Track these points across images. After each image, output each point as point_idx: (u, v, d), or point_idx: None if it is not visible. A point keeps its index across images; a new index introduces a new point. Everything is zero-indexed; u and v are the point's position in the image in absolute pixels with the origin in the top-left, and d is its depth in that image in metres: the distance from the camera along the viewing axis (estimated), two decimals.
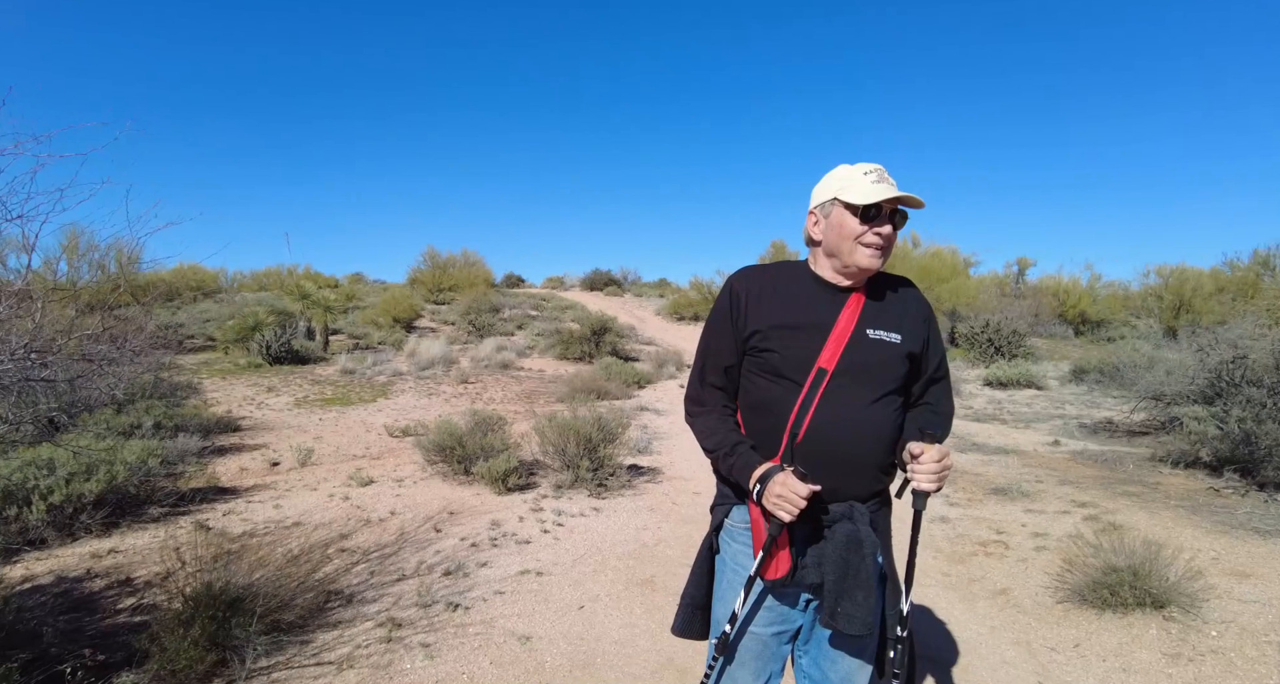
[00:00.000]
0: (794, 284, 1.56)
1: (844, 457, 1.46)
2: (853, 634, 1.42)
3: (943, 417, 1.61)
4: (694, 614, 1.66)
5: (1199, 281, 15.87)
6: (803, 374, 1.47)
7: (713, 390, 1.62)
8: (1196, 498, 5.41)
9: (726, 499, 1.62)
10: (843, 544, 1.43)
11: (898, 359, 1.51)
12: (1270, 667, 2.90)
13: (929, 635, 3.26)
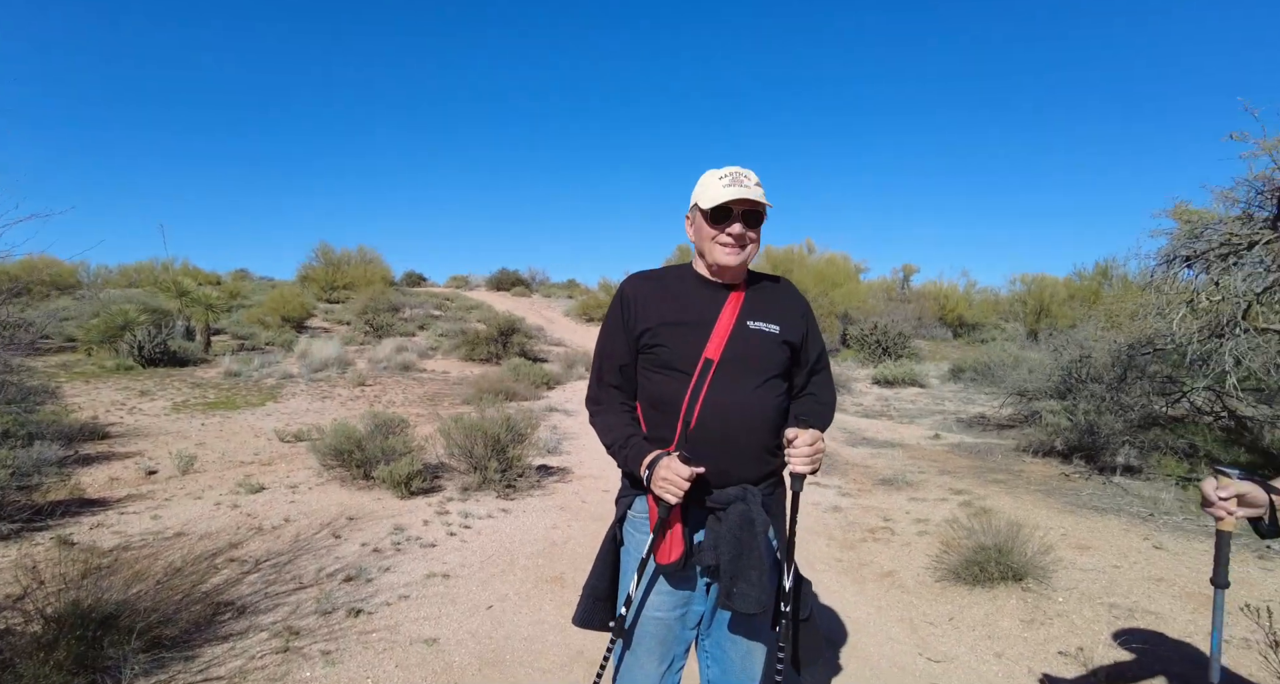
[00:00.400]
0: (679, 285, 1.68)
1: (732, 440, 1.56)
2: (749, 612, 1.50)
3: (824, 405, 1.74)
4: (595, 605, 1.71)
5: (1055, 289, 17.69)
6: (691, 365, 1.57)
7: (610, 389, 1.71)
8: (1051, 483, 6.04)
9: (629, 492, 1.69)
10: (736, 525, 1.50)
11: (777, 347, 1.63)
12: (1102, 624, 3.31)
13: (824, 617, 3.47)
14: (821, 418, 1.69)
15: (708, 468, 1.54)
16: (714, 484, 1.56)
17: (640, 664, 1.63)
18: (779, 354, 1.63)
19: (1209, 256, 4.95)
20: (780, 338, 1.63)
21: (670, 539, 1.56)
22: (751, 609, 1.48)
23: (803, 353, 1.70)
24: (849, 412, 10.41)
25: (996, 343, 12.45)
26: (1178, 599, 3.58)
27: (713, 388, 1.56)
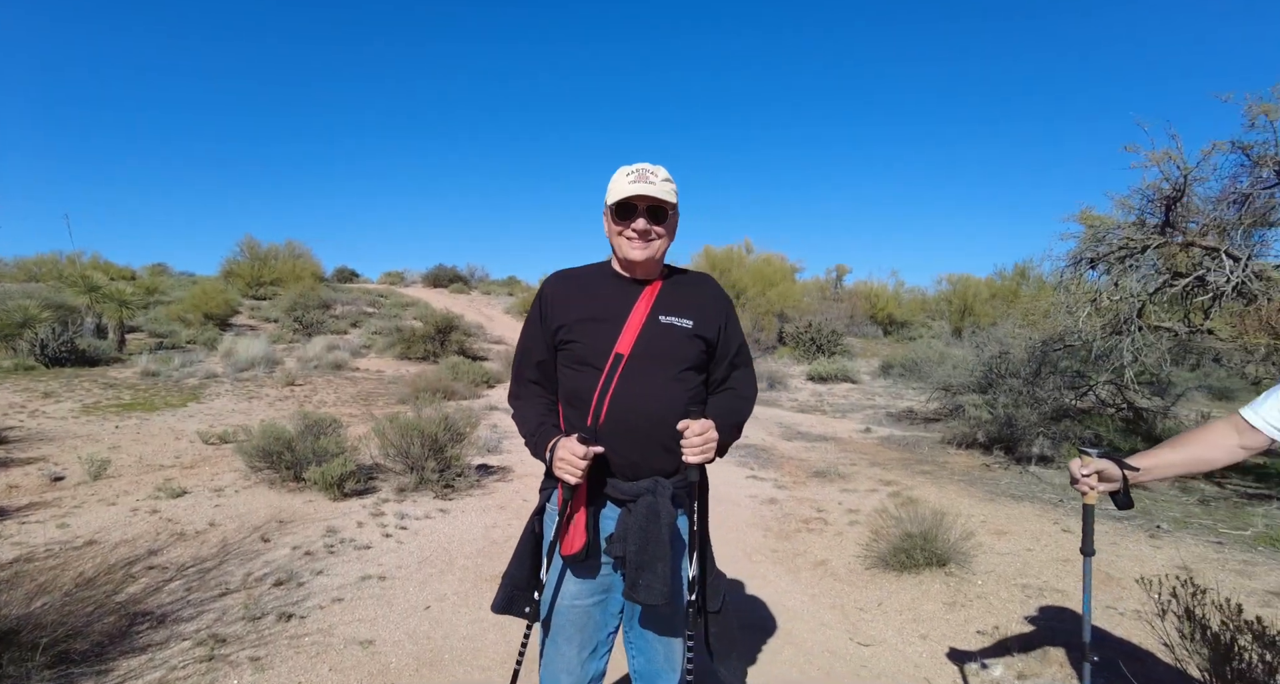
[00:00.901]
0: (595, 281, 1.71)
1: (641, 432, 1.58)
2: (652, 604, 1.52)
3: (743, 399, 1.78)
4: (515, 593, 1.71)
5: (978, 289, 18.65)
6: (602, 360, 1.60)
7: (529, 385, 1.74)
8: (973, 473, 6.38)
9: (548, 484, 1.70)
10: (643, 517, 1.53)
11: (688, 341, 1.65)
12: (1016, 603, 3.53)
13: (759, 606, 3.57)
14: (736, 411, 1.72)
15: (619, 461, 1.57)
16: (625, 477, 1.59)
17: (560, 651, 1.65)
18: (691, 348, 1.65)
19: (1110, 259, 5.34)
20: (692, 332, 1.65)
21: (573, 531, 1.58)
22: (655, 601, 1.50)
23: (719, 347, 1.73)
24: (785, 407, 10.70)
25: (924, 340, 13.04)
26: (1080, 578, 3.85)
27: (622, 382, 1.58)
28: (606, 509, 1.63)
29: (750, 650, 3.12)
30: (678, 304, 1.68)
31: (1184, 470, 1.75)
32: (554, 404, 1.73)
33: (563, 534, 1.59)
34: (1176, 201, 4.94)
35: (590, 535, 1.59)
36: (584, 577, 1.64)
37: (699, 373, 1.69)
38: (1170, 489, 5.70)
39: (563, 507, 1.58)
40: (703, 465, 1.65)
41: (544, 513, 1.72)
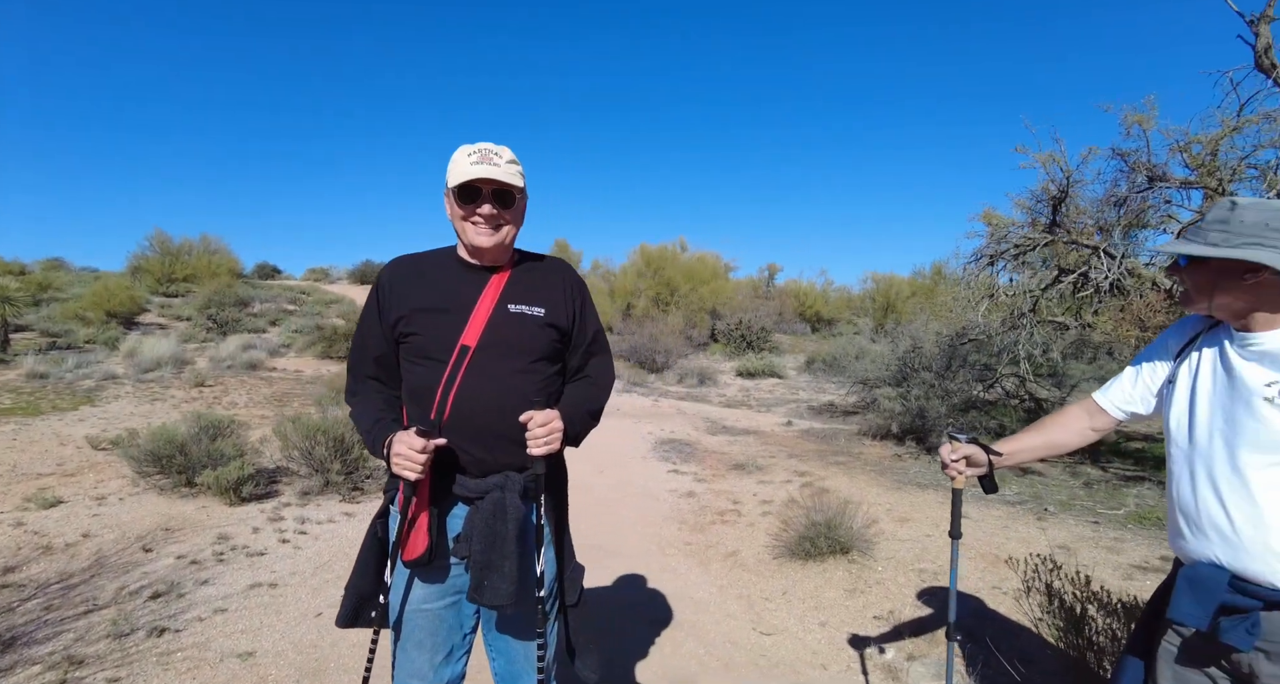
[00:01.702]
0: (439, 269, 1.61)
1: (489, 427, 1.51)
2: (497, 605, 1.45)
3: (599, 388, 1.73)
4: (359, 603, 1.60)
5: (900, 287, 19.39)
6: (446, 353, 1.51)
7: (367, 382, 1.63)
8: (885, 463, 6.60)
9: (392, 484, 1.60)
10: (489, 514, 1.46)
11: (540, 330, 1.58)
12: (911, 588, 3.66)
13: (667, 600, 3.58)
14: (591, 399, 1.68)
15: (467, 458, 1.50)
16: (474, 474, 1.53)
17: (410, 658, 1.56)
18: (543, 337, 1.59)
19: (1007, 256, 5.62)
20: (545, 321, 1.59)
21: (415, 534, 1.49)
22: (500, 602, 1.45)
23: (574, 335, 1.68)
24: (713, 403, 10.83)
25: (846, 337, 13.46)
26: (973, 560, 4.03)
27: (468, 375, 1.50)
28: (455, 508, 1.56)
29: (651, 644, 3.12)
30: (528, 292, 1.61)
31: (1043, 453, 1.83)
32: (396, 400, 1.63)
33: (405, 537, 1.50)
34: (1062, 202, 5.27)
35: (435, 537, 1.50)
36: (433, 580, 1.56)
37: (553, 363, 1.63)
38: (1061, 474, 6.06)
39: (404, 507, 1.49)
40: (557, 456, 1.61)
41: (387, 515, 1.62)
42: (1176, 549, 1.49)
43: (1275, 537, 1.27)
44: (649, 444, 7.44)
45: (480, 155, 1.51)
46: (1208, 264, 1.38)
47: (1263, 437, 1.29)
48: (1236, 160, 4.87)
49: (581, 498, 5.41)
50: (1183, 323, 1.62)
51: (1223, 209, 1.38)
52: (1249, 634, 1.29)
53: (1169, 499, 1.50)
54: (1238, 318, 1.38)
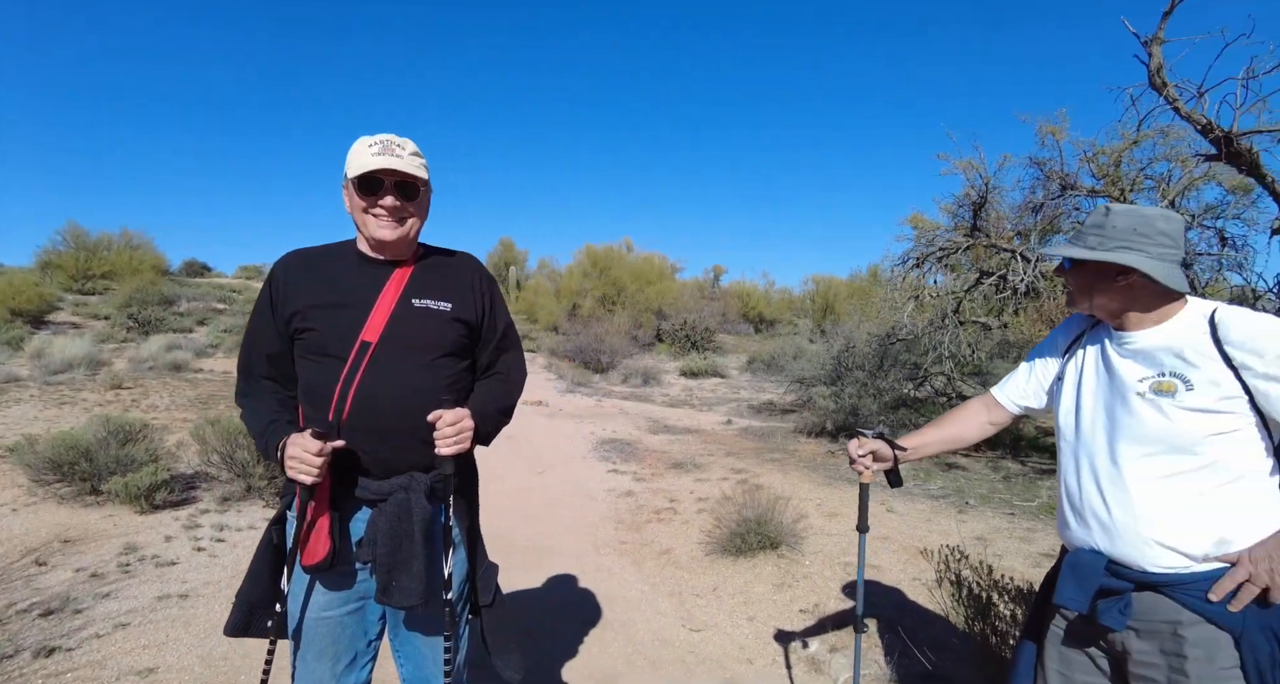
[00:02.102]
0: (337, 263, 1.56)
1: (394, 426, 1.46)
2: (407, 606, 1.43)
3: (510, 384, 1.71)
4: (250, 612, 1.53)
5: (839, 288, 19.92)
6: (345, 349, 1.46)
7: (260, 381, 1.57)
8: (818, 459, 6.76)
9: (289, 488, 1.53)
10: (393, 516, 1.43)
11: (447, 325, 1.54)
12: (836, 581, 3.75)
13: (599, 600, 3.58)
14: (503, 396, 1.66)
15: (369, 459, 1.46)
16: (377, 475, 1.48)
17: (310, 669, 1.51)
18: (450, 332, 1.55)
19: (933, 259, 5.84)
20: (451, 315, 1.55)
21: (315, 539, 1.44)
22: (410, 602, 1.42)
23: (484, 330, 1.64)
24: (657, 402, 10.88)
25: (786, 337, 13.75)
26: (896, 554, 4.16)
27: (369, 372, 1.46)
28: (355, 511, 1.51)
29: (580, 644, 3.11)
30: (434, 286, 1.57)
31: (946, 447, 1.90)
32: (291, 400, 1.56)
33: (303, 542, 1.44)
34: (982, 207, 5.53)
35: (336, 541, 1.45)
36: (335, 586, 1.51)
37: (461, 359, 1.60)
38: (983, 469, 6.33)
39: (301, 511, 1.43)
40: (466, 455, 1.58)
41: (284, 521, 1.55)
42: (1063, 537, 1.56)
43: (1145, 523, 1.35)
44: (590, 444, 7.42)
45: (382, 146, 1.47)
46: (1086, 266, 1.46)
47: (1137, 430, 1.37)
48: (1136, 171, 5.21)
49: (520, 500, 5.36)
50: (1070, 322, 1.70)
51: (1099, 215, 1.46)
52: (1122, 615, 1.37)
53: (1059, 490, 1.57)
54: (1114, 317, 1.46)
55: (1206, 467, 1.32)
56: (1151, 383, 1.36)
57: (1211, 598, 1.29)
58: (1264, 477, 1.33)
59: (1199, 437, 1.31)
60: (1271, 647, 1.26)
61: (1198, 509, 1.32)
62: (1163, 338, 1.38)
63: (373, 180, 1.47)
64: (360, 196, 1.48)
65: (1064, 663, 1.52)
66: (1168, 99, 4.14)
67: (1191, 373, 1.32)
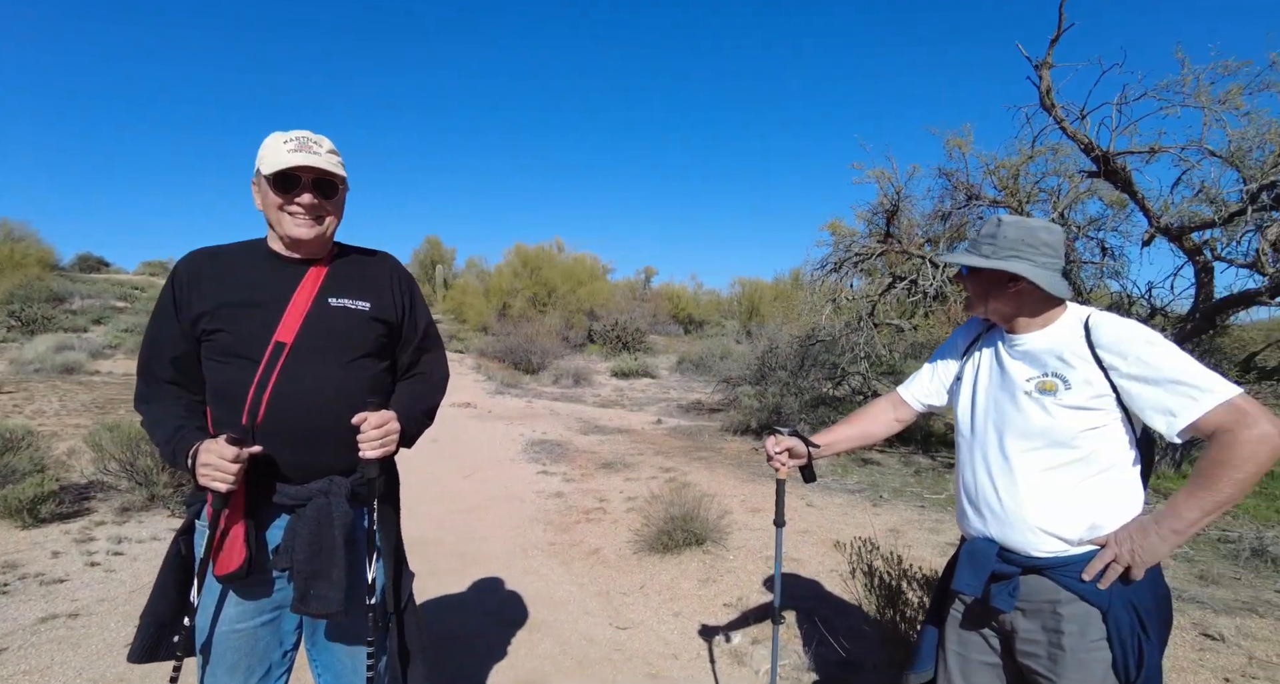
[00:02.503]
0: (247, 261, 1.51)
1: (312, 429, 1.43)
2: (325, 614, 1.40)
3: (432, 385, 1.69)
4: (159, 632, 1.46)
5: (764, 291, 20.48)
6: (258, 350, 1.41)
7: (163, 385, 1.49)
8: (743, 457, 6.94)
9: (197, 497, 1.47)
10: (313, 521, 1.40)
11: (366, 325, 1.52)
12: (759, 575, 3.87)
13: (526, 602, 3.56)
14: (425, 397, 1.64)
15: (286, 463, 1.42)
16: (294, 480, 1.44)
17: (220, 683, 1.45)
18: (369, 332, 1.52)
19: (849, 264, 6.12)
20: (370, 315, 1.52)
21: (229, 547, 1.38)
22: (329, 610, 1.39)
23: (404, 330, 1.62)
24: (588, 403, 10.89)
25: (714, 338, 14.03)
26: (815, 546, 4.34)
27: (285, 374, 1.41)
28: (271, 518, 1.46)
29: (506, 647, 3.09)
30: (351, 285, 1.54)
31: (856, 443, 2.01)
32: (199, 405, 1.49)
33: (216, 552, 1.38)
34: (894, 215, 5.85)
35: (252, 549, 1.40)
36: (249, 597, 1.46)
37: (380, 360, 1.57)
38: (896, 464, 6.66)
39: (214, 519, 1.37)
40: (389, 458, 1.55)
41: (193, 531, 1.48)
42: (961, 527, 1.67)
43: (1031, 512, 1.47)
44: (520, 446, 7.35)
45: (298, 143, 1.43)
46: (981, 274, 1.58)
47: (1024, 426, 1.49)
48: (1031, 184, 5.64)
49: (446, 504, 5.26)
50: (968, 324, 1.83)
51: (992, 226, 1.58)
52: (1011, 597, 1.49)
53: (956, 483, 1.68)
54: (1006, 321, 1.58)
55: (1082, 459, 1.44)
56: (1036, 382, 1.48)
57: (1084, 578, 1.41)
58: (1128, 467, 1.47)
59: (1075, 431, 1.43)
60: (1131, 618, 1.40)
61: (1074, 498, 1.45)
62: (1046, 341, 1.50)
63: (289, 177, 1.43)
64: (276, 194, 1.44)
65: (961, 644, 1.64)
66: (1056, 119, 4.50)
67: (1070, 373, 1.44)
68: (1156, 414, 1.37)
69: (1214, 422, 1.31)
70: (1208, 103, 4.84)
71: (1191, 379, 1.34)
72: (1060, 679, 1.43)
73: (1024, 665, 1.52)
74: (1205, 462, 1.34)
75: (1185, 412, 1.33)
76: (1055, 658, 1.44)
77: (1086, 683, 1.41)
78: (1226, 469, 1.30)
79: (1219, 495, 1.31)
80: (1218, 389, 1.32)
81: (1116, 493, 1.45)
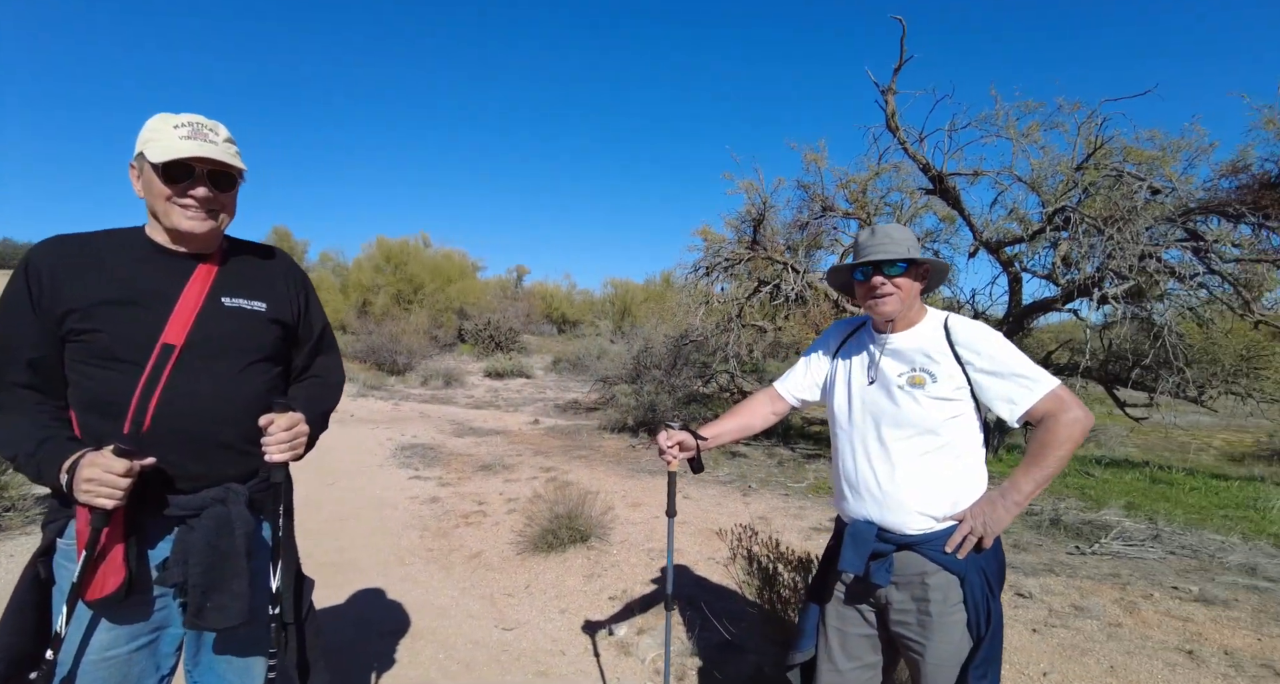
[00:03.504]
0: (123, 253, 1.38)
1: (205, 436, 1.35)
2: (226, 627, 1.33)
3: (329, 387, 1.65)
4: (12, 668, 1.31)
5: (636, 292, 20.94)
6: (143, 353, 1.31)
7: (16, 391, 1.32)
8: (622, 454, 7.10)
9: (59, 513, 1.34)
10: (211, 532, 1.32)
11: (263, 327, 1.45)
12: (642, 567, 4.01)
13: (405, 610, 3.44)
14: (322, 399, 1.59)
15: (176, 474, 1.33)
16: (185, 489, 1.35)
17: None
18: (267, 334, 1.45)
19: (719, 268, 6.47)
20: (268, 316, 1.45)
21: (106, 568, 1.27)
22: (230, 622, 1.33)
23: (300, 331, 1.56)
24: (460, 404, 10.59)
25: (589, 338, 14.16)
26: (693, 536, 4.55)
27: (175, 378, 1.32)
28: (156, 531, 1.35)
29: (389, 656, 2.99)
30: (246, 284, 1.45)
31: (739, 435, 2.13)
32: (61, 412, 1.34)
33: (89, 574, 1.25)
34: (760, 223, 6.28)
35: (132, 569, 1.29)
36: (123, 620, 1.33)
37: (276, 363, 1.50)
38: (761, 456, 7.12)
39: (92, 539, 1.24)
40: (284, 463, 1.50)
41: (52, 552, 1.34)
42: (840, 510, 1.83)
43: (905, 494, 1.64)
44: (388, 451, 7.03)
45: (192, 129, 1.33)
46: (917, 268, 1.70)
47: (898, 416, 1.66)
48: (878, 198, 6.29)
49: (309, 514, 4.93)
50: (838, 325, 2.01)
51: (881, 232, 1.72)
52: (887, 573, 1.65)
53: (834, 470, 1.84)
54: (900, 318, 1.70)
55: (946, 445, 1.64)
56: (908, 377, 1.66)
57: (946, 550, 1.61)
58: (978, 450, 1.70)
59: (941, 420, 1.63)
60: (982, 582, 1.61)
61: (941, 480, 1.64)
62: (914, 340, 1.69)
63: (182, 167, 1.32)
64: (165, 183, 1.32)
65: (840, 619, 1.79)
66: (899, 140, 5.05)
67: (935, 368, 1.64)
68: (1002, 403, 1.60)
69: (1043, 408, 1.57)
70: (1015, 135, 5.65)
71: (1027, 372, 1.59)
72: (928, 641, 1.62)
73: (896, 634, 1.69)
74: (1034, 442, 1.60)
75: (1023, 400, 1.58)
76: (924, 623, 1.63)
77: (948, 642, 1.60)
78: (1051, 447, 1.55)
79: (1047, 469, 1.57)
80: (1044, 380, 1.58)
81: (971, 473, 1.66)
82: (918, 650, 1.64)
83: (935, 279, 1.81)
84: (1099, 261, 5.25)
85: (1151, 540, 4.60)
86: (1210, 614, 3.53)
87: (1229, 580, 4.01)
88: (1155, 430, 11.10)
